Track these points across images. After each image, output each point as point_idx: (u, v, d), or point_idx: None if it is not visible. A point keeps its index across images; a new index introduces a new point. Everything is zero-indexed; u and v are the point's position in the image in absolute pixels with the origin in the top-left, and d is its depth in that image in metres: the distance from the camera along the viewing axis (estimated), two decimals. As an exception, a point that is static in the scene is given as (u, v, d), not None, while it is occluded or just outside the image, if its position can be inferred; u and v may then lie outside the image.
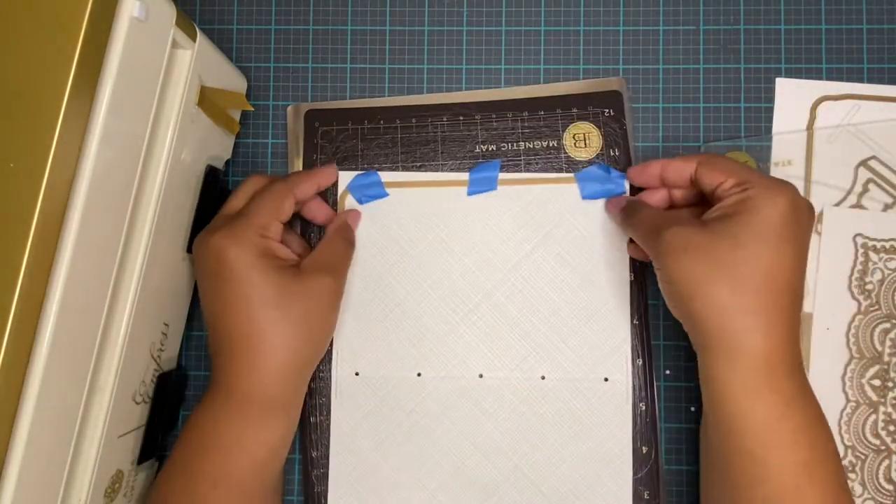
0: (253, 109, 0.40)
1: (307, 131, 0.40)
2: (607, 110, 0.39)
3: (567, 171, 0.39)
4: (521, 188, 0.39)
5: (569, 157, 0.39)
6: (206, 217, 0.37)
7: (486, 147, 0.39)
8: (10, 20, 0.25)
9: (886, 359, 0.38)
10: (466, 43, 0.40)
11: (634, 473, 0.37)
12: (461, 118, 0.39)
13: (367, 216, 0.39)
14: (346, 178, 0.39)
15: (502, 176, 0.39)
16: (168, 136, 0.32)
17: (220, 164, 0.38)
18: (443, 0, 0.41)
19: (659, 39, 0.40)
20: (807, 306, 0.38)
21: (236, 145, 0.40)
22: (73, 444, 0.29)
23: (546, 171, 0.39)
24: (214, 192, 0.37)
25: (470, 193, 0.39)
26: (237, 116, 0.39)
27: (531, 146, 0.39)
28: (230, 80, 0.37)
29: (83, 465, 0.31)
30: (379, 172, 0.39)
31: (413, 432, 0.38)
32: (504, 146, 0.39)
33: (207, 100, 0.34)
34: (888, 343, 0.38)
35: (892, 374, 0.38)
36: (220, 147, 0.38)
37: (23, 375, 0.25)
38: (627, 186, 0.38)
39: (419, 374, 0.39)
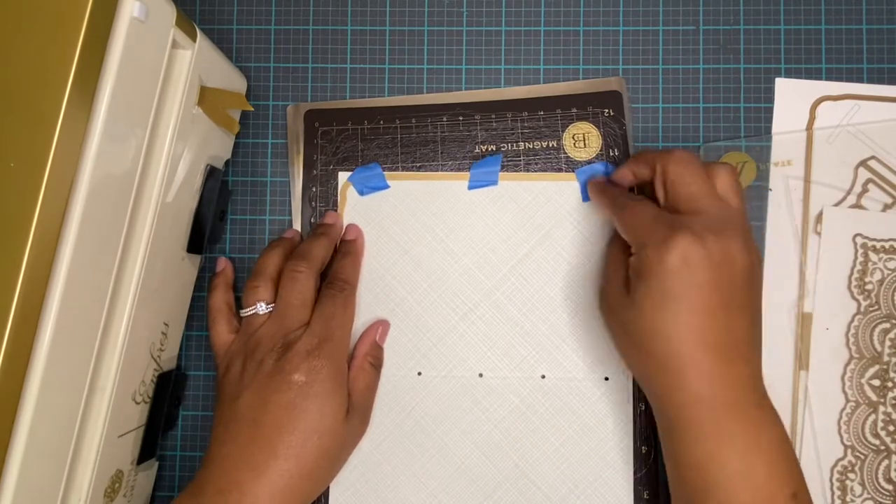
0: (253, 109, 0.40)
1: (307, 131, 0.40)
2: (607, 110, 0.39)
3: (567, 171, 0.39)
4: (521, 187, 0.39)
5: (568, 157, 0.39)
6: (207, 217, 0.37)
7: (485, 147, 0.39)
8: (11, 20, 0.25)
9: (886, 359, 0.38)
10: (466, 43, 0.40)
11: (635, 473, 0.37)
12: (461, 118, 0.39)
13: (368, 216, 0.39)
14: (347, 176, 0.40)
15: (503, 174, 0.39)
16: (168, 136, 0.32)
17: (220, 164, 0.38)
18: (443, 0, 0.41)
19: (658, 39, 0.40)
20: (807, 306, 0.38)
21: (236, 145, 0.40)
22: (73, 444, 0.29)
23: (546, 171, 0.39)
24: (214, 192, 0.37)
25: (471, 187, 0.39)
26: (237, 116, 0.39)
27: (531, 146, 0.39)
28: (230, 80, 0.37)
29: (83, 465, 0.31)
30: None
31: (413, 431, 0.38)
32: (504, 146, 0.39)
33: (207, 100, 0.34)
34: (888, 343, 0.38)
35: (892, 374, 0.38)
36: (220, 147, 0.38)
37: (23, 375, 0.25)
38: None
39: (419, 374, 0.39)
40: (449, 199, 0.39)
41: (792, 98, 0.39)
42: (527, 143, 0.39)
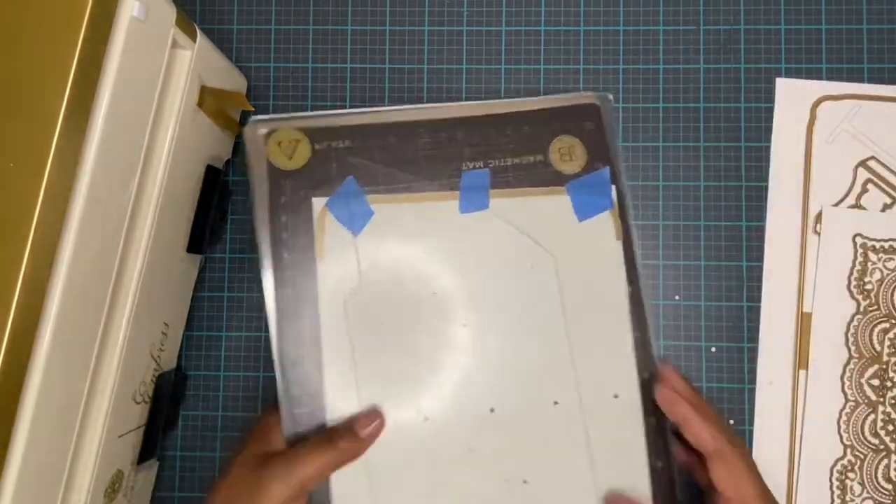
0: (253, 109, 0.40)
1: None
2: (588, 122, 0.37)
3: (557, 185, 0.36)
4: (513, 204, 0.36)
5: (557, 171, 0.37)
6: (207, 217, 0.37)
7: (472, 164, 0.36)
8: (11, 20, 0.25)
9: (885, 358, 0.38)
10: (466, 43, 0.40)
11: (652, 490, 0.35)
12: (443, 135, 0.36)
13: (353, 248, 0.35)
14: (323, 202, 0.35)
15: (493, 192, 0.36)
16: (168, 136, 0.32)
17: (219, 164, 0.38)
18: (443, 0, 0.41)
19: (659, 39, 0.40)
20: (806, 306, 0.38)
21: (236, 145, 0.40)
22: (74, 444, 0.29)
23: (535, 186, 0.37)
24: (214, 191, 0.37)
25: (463, 210, 0.36)
26: (237, 116, 0.39)
27: (518, 161, 0.37)
28: (230, 80, 0.37)
29: (83, 465, 0.31)
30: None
31: (426, 472, 0.35)
32: (491, 162, 0.37)
33: (207, 100, 0.34)
34: (887, 343, 0.38)
35: (891, 374, 0.38)
36: (220, 147, 0.38)
37: (23, 375, 0.25)
38: (615, 196, 0.37)
39: (426, 419, 0.35)
40: (439, 221, 0.36)
41: (792, 98, 0.39)
42: (514, 159, 0.37)
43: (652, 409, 0.36)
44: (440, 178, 0.36)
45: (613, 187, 0.37)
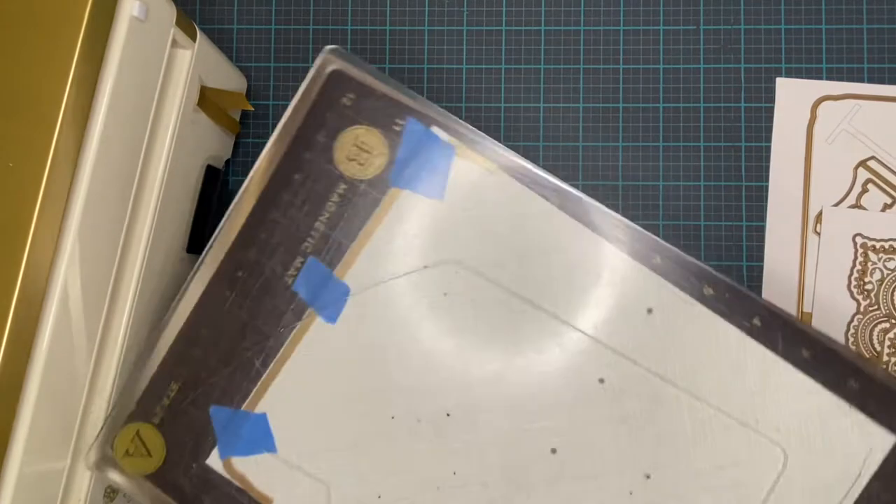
0: (253, 109, 0.40)
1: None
2: (347, 97, 0.28)
3: (389, 190, 0.28)
4: (367, 265, 0.28)
5: (370, 180, 0.28)
6: (207, 217, 0.37)
7: (292, 271, 0.28)
8: (9, 19, 0.25)
9: (885, 358, 0.38)
10: (466, 43, 0.40)
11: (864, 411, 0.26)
12: (241, 274, 0.29)
13: (286, 469, 0.28)
14: (217, 455, 0.29)
15: (338, 269, 0.28)
16: (168, 136, 0.32)
17: (219, 164, 0.38)
18: (443, 0, 0.41)
19: (659, 39, 0.40)
20: (806, 306, 0.38)
21: (236, 145, 0.40)
22: (73, 445, 0.29)
23: (366, 220, 0.28)
24: (214, 192, 0.37)
25: (331, 321, 0.28)
26: (237, 116, 0.39)
27: (327, 216, 0.28)
28: (230, 80, 0.37)
29: (83, 465, 0.31)
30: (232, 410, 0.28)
31: None
32: (306, 246, 0.28)
33: (207, 100, 0.34)
34: (887, 343, 0.38)
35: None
36: (220, 147, 0.38)
37: (22, 375, 0.25)
38: (448, 137, 0.28)
39: None
40: (327, 355, 0.28)
41: (792, 98, 0.39)
42: (321, 217, 0.28)
43: (746, 316, 0.26)
44: (284, 318, 0.28)
45: (437, 131, 0.28)
